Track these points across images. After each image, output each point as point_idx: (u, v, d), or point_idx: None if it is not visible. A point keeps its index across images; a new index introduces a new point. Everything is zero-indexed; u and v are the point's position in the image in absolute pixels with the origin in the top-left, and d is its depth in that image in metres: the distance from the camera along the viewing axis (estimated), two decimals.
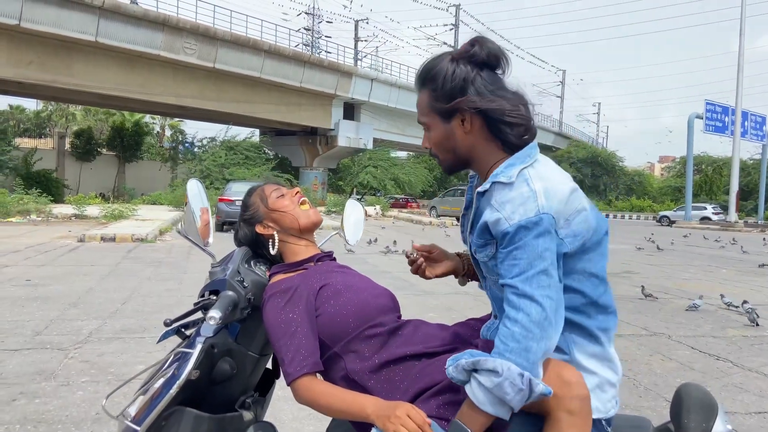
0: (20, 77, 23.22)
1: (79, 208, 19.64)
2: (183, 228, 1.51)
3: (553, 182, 1.24)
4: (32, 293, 6.57)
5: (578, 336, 1.29)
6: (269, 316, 1.39)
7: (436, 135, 1.35)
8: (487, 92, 1.27)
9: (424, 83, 1.33)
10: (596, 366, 1.29)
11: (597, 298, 1.29)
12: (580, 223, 1.25)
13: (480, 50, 1.28)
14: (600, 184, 54.55)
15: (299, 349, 1.33)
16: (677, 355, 4.98)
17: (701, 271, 11.40)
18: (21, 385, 3.62)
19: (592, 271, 1.29)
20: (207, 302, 1.40)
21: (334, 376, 1.39)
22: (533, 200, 1.20)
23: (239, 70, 28.79)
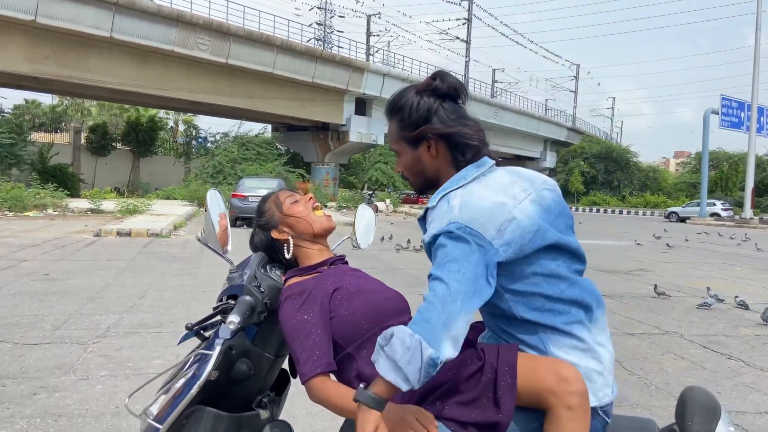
0: (36, 72, 23.50)
1: (94, 203, 19.88)
2: (203, 236, 1.57)
3: (474, 197, 1.36)
4: (51, 288, 6.69)
5: (551, 333, 1.38)
6: (285, 318, 1.45)
7: (405, 160, 1.51)
8: (448, 120, 1.44)
9: (393, 114, 1.50)
10: (577, 358, 1.36)
11: (560, 294, 1.38)
12: (512, 231, 1.33)
13: (441, 84, 1.45)
14: (614, 179, 54.15)
15: (314, 350, 1.39)
16: (689, 354, 4.99)
17: (715, 268, 11.33)
18: (41, 379, 3.71)
19: (546, 272, 1.37)
20: (226, 306, 1.46)
21: (347, 376, 1.44)
22: (448, 214, 1.34)
23: (252, 66, 28.92)
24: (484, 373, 1.32)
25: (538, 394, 1.27)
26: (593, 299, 1.43)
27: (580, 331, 1.39)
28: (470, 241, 1.30)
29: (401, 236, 14.54)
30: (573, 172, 52.54)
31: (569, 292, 1.40)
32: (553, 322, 1.37)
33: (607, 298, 7.45)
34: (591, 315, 1.42)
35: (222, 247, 1.59)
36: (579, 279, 1.43)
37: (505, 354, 1.34)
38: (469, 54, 48.54)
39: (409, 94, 1.47)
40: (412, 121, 1.45)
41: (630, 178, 54.94)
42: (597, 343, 1.40)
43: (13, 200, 18.38)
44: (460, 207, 1.33)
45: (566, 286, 1.40)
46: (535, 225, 1.38)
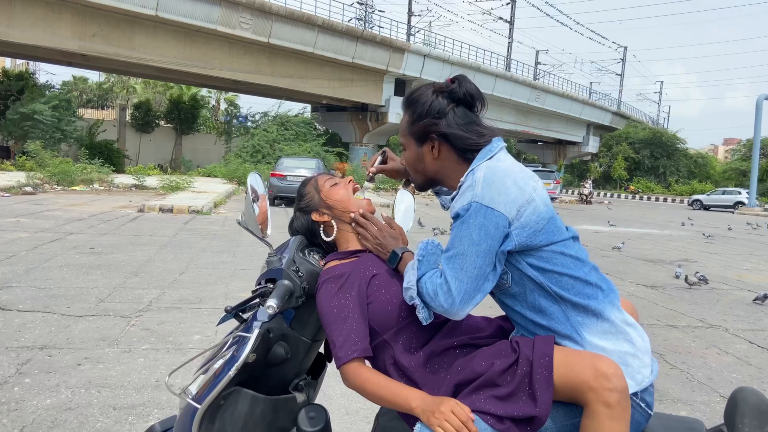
0: (84, 50, 24.03)
1: (138, 179, 20.35)
2: (243, 219, 1.57)
3: (498, 174, 1.37)
4: (96, 261, 6.89)
5: (583, 317, 1.38)
6: (322, 301, 1.44)
7: (409, 155, 1.56)
8: (455, 124, 1.46)
9: (406, 107, 1.54)
10: (611, 343, 1.36)
11: (586, 277, 1.40)
12: (529, 215, 1.36)
13: (458, 88, 1.47)
14: (659, 166, 52.56)
15: (350, 334, 1.38)
16: (734, 349, 4.83)
17: (763, 261, 10.93)
18: (86, 350, 3.83)
19: (572, 254, 1.41)
20: (264, 290, 1.45)
21: (383, 363, 1.43)
22: (471, 189, 1.36)
23: (293, 45, 28.95)
24: (519, 366, 1.29)
25: (576, 389, 1.24)
26: (610, 284, 1.47)
27: (611, 312, 1.40)
28: (486, 224, 1.32)
29: (437, 219, 14.47)
30: (616, 157, 51.25)
31: (594, 276, 1.43)
32: (586, 302, 1.38)
33: (649, 289, 7.27)
34: (615, 297, 1.45)
35: (261, 231, 1.59)
36: (593, 264, 1.47)
37: (541, 346, 1.31)
38: (512, 35, 47.57)
39: (426, 91, 1.50)
40: (421, 117, 1.48)
41: (677, 165, 53.23)
42: (626, 324, 1.40)
43: (61, 174, 18.95)
44: (483, 183, 1.35)
45: (589, 269, 1.43)
46: (549, 212, 1.40)
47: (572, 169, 56.31)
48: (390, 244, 1.53)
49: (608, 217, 21.28)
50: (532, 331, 1.41)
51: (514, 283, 1.40)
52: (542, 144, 54.37)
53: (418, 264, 1.39)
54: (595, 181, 48.15)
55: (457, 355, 1.38)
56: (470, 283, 1.32)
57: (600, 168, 52.36)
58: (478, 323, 1.49)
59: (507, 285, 1.41)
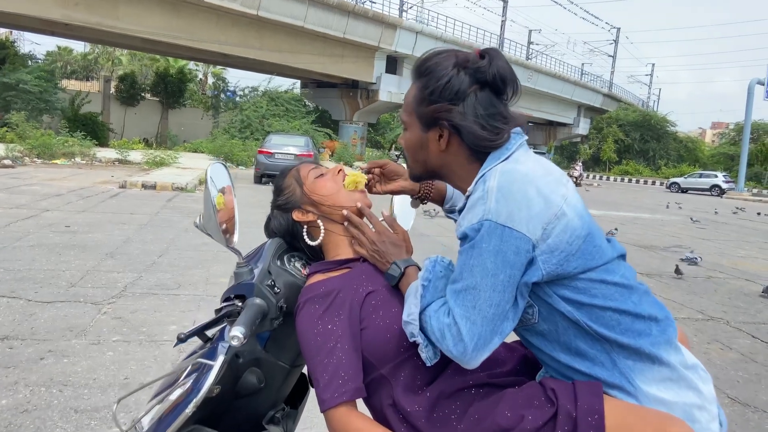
0: (67, 19, 23.29)
1: (122, 153, 19.84)
2: (201, 222, 1.24)
3: (517, 181, 1.04)
4: (70, 241, 6.55)
5: (634, 360, 1.06)
6: (303, 326, 1.14)
7: (410, 139, 1.23)
8: (472, 116, 1.12)
9: (418, 76, 1.20)
10: (673, 393, 1.05)
11: (635, 309, 1.08)
12: (559, 234, 1.03)
13: (488, 67, 1.13)
14: (649, 149, 52.60)
15: (338, 371, 1.08)
16: (737, 344, 4.64)
17: (756, 248, 10.80)
18: (51, 342, 3.54)
19: (616, 281, 1.08)
20: (231, 309, 1.16)
21: (379, 405, 1.14)
22: (483, 202, 1.05)
23: (282, 19, 28.28)
24: (559, 425, 0.99)
25: None
26: (665, 310, 1.14)
27: (668, 353, 1.08)
28: (504, 249, 1.00)
29: None
30: (606, 139, 51.16)
31: (645, 305, 1.09)
32: (637, 343, 1.06)
33: (646, 277, 7.08)
34: (672, 331, 1.12)
35: (227, 237, 1.24)
36: (645, 287, 1.13)
37: (586, 398, 1.01)
38: (505, 13, 46.94)
39: (445, 62, 1.16)
40: (434, 96, 1.14)
41: (666, 148, 53.27)
42: (687, 367, 1.09)
43: (42, 147, 18.39)
44: (497, 194, 1.03)
45: (638, 297, 1.09)
46: (585, 228, 1.07)
47: (562, 150, 56.21)
48: (391, 253, 1.23)
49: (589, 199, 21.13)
50: (568, 376, 1.11)
51: (542, 319, 1.10)
52: (533, 125, 54.09)
53: (423, 290, 1.09)
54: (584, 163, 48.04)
55: (472, 398, 1.09)
56: (485, 325, 1.02)
57: (590, 150, 52.28)
58: (498, 353, 1.18)
59: (533, 321, 1.11)
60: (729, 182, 35.12)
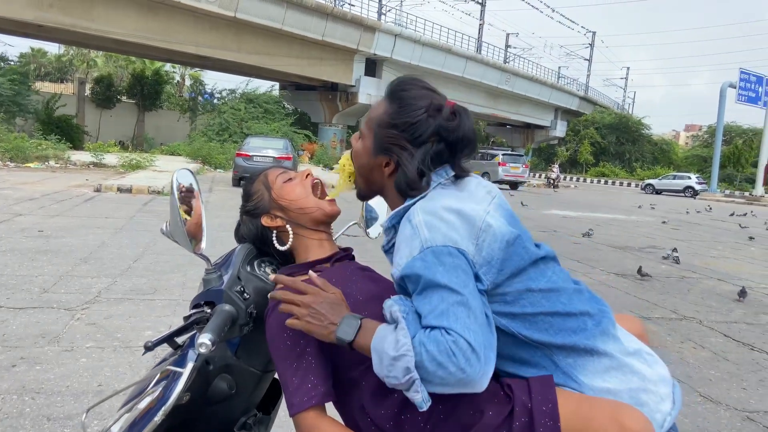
0: (40, 20, 22.89)
1: (97, 156, 19.56)
2: (168, 228, 1.23)
3: (439, 208, 1.09)
4: (43, 246, 6.44)
5: (574, 359, 1.10)
6: (273, 331, 1.14)
7: (361, 153, 1.25)
8: (419, 159, 1.16)
9: (392, 99, 1.21)
10: (617, 381, 1.09)
11: (564, 309, 1.12)
12: (490, 245, 1.08)
13: (455, 129, 1.16)
14: (625, 151, 53.42)
15: (307, 374, 1.09)
16: (710, 343, 4.73)
17: (728, 248, 11.02)
18: (23, 349, 3.47)
19: (540, 288, 1.12)
20: (200, 316, 1.16)
21: (348, 408, 1.15)
22: (416, 237, 1.07)
23: (260, 21, 28.15)
24: (515, 418, 1.02)
25: None
26: (600, 303, 1.18)
27: (605, 344, 1.12)
28: (458, 263, 1.03)
29: None
30: (583, 142, 51.83)
31: (577, 302, 1.14)
32: (572, 340, 1.10)
33: (621, 277, 7.18)
34: (608, 321, 1.16)
35: (194, 243, 1.23)
36: (577, 286, 1.17)
37: (539, 389, 1.05)
38: (483, 17, 47.29)
39: (420, 102, 1.17)
40: (397, 128, 1.17)
41: (641, 150, 54.15)
42: (628, 354, 1.13)
43: (15, 150, 18.05)
44: (426, 226, 1.07)
45: (567, 297, 1.14)
46: (514, 233, 1.11)
47: (539, 152, 56.77)
48: (334, 313, 1.08)
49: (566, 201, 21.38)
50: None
51: None
52: (510, 128, 54.55)
53: (404, 322, 1.02)
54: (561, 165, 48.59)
55: (438, 403, 1.09)
56: (484, 334, 1.00)
57: (567, 152, 52.90)
58: None
59: None
60: (702, 183, 35.83)
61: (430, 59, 36.75)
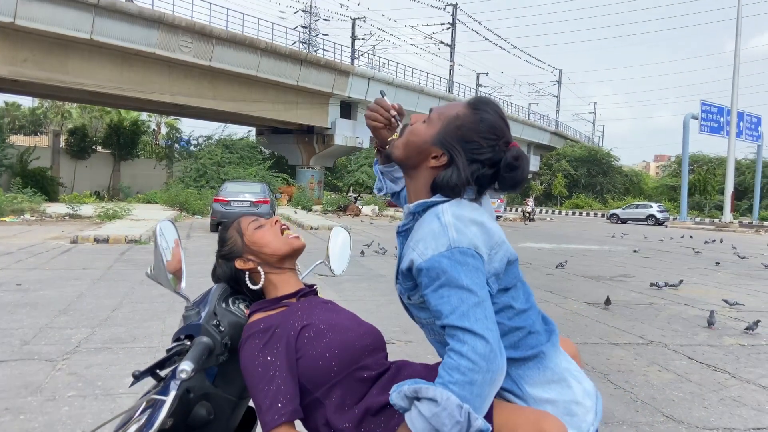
0: (15, 75, 23.07)
1: (73, 208, 19.50)
2: (152, 272, 1.42)
3: (466, 214, 1.25)
4: (22, 299, 6.48)
5: (523, 369, 1.28)
6: (246, 360, 1.31)
7: (422, 133, 1.34)
8: (467, 172, 1.29)
9: (475, 108, 1.33)
10: (555, 392, 1.27)
11: (531, 327, 1.30)
12: (501, 259, 1.26)
13: (515, 169, 1.31)
14: (596, 183, 54.59)
15: (278, 396, 1.25)
16: (674, 366, 4.93)
17: (697, 274, 11.35)
18: (6, 400, 3.54)
19: (518, 306, 1.30)
20: (181, 348, 1.33)
21: (314, 424, 1.32)
22: (444, 235, 1.21)
23: (235, 69, 28.69)
24: None
25: None
26: (550, 323, 1.38)
27: (551, 360, 1.31)
28: (479, 268, 1.20)
29: (387, 241, 14.43)
30: (556, 175, 52.91)
31: (537, 324, 1.33)
32: (527, 354, 1.28)
33: (592, 306, 7.40)
34: (555, 339, 1.36)
35: (175, 284, 1.43)
36: (531, 304, 1.36)
37: None
38: (453, 58, 48.63)
39: (499, 131, 1.31)
40: (467, 139, 1.30)
41: (612, 181, 55.42)
42: (565, 369, 1.32)
43: None
44: (455, 226, 1.22)
45: (535, 315, 1.33)
46: (514, 255, 1.32)
47: None
48: None
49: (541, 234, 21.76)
50: None
51: None
52: None
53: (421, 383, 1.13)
54: (536, 199, 49.41)
55: (394, 413, 1.26)
56: (497, 330, 1.16)
57: (541, 186, 53.87)
58: (418, 372, 1.37)
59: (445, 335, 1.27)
60: (663, 212, 37.05)
61: (403, 100, 37.58)
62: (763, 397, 4.20)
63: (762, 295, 8.93)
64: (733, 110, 34.72)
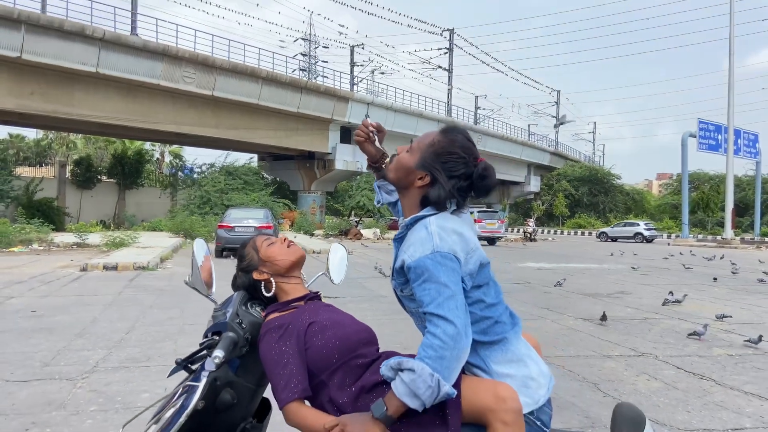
0: (21, 108, 23.61)
1: (80, 237, 19.85)
2: (190, 280, 1.75)
3: (449, 225, 1.58)
4: (38, 324, 6.76)
5: (490, 350, 1.60)
6: (265, 350, 1.63)
7: (406, 160, 1.68)
8: (448, 187, 1.61)
9: (446, 135, 1.67)
10: (513, 368, 1.59)
11: (498, 318, 1.62)
12: (474, 262, 1.58)
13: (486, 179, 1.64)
14: (598, 202, 54.86)
15: (291, 378, 1.56)
16: (662, 375, 5.16)
17: (694, 290, 11.57)
18: (33, 415, 3.80)
19: (489, 300, 1.62)
20: (211, 342, 1.63)
21: (320, 400, 1.62)
22: (429, 241, 1.53)
23: (237, 98, 29.27)
24: None
25: (479, 412, 1.46)
26: (512, 316, 1.70)
27: (513, 344, 1.63)
28: (454, 268, 1.52)
29: (387, 263, 14.70)
30: (557, 195, 53.27)
31: (504, 315, 1.65)
32: (490, 338, 1.60)
33: (588, 322, 7.64)
34: (519, 329, 1.69)
35: (207, 289, 1.79)
36: (500, 300, 1.68)
37: None
38: (451, 82, 49.38)
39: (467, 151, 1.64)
40: (445, 160, 1.62)
41: (614, 200, 55.73)
42: (525, 355, 1.64)
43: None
44: (439, 235, 1.54)
45: (502, 309, 1.65)
46: (485, 259, 1.65)
47: (517, 207, 58.04)
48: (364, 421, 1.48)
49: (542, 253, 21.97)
50: None
51: None
52: None
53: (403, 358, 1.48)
54: (538, 219, 49.69)
55: (384, 391, 1.55)
56: (466, 317, 1.48)
57: (542, 206, 54.19)
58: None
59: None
60: (650, 230, 37.91)
61: (403, 124, 38.13)
62: (744, 402, 4.44)
63: (756, 309, 9.16)
64: (729, 128, 35.11)
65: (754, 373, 5.27)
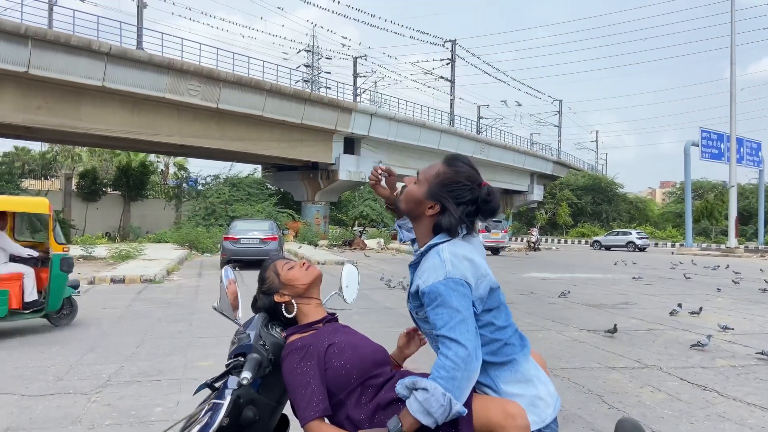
0: (28, 122, 23.84)
1: (86, 250, 19.98)
2: (219, 305, 1.87)
3: (460, 252, 1.69)
4: (50, 338, 6.87)
5: (500, 371, 1.70)
6: (287, 370, 1.73)
7: (415, 191, 1.79)
8: (456, 214, 1.72)
9: (450, 164, 1.77)
10: (521, 389, 1.69)
11: (507, 340, 1.72)
12: (484, 288, 1.69)
13: (490, 202, 1.75)
14: (602, 211, 54.83)
15: (312, 397, 1.66)
16: (666, 387, 5.23)
17: (698, 300, 11.61)
18: (50, 430, 3.90)
19: (499, 323, 1.73)
20: (237, 363, 1.73)
21: (338, 418, 1.72)
22: (442, 268, 1.64)
23: (242, 110, 29.51)
24: None
25: (489, 428, 1.57)
26: (521, 338, 1.80)
27: (523, 365, 1.74)
28: (466, 293, 1.63)
29: (394, 273, 14.77)
30: (561, 204, 53.31)
31: (514, 337, 1.75)
32: (500, 359, 1.71)
33: (592, 333, 7.70)
34: (527, 350, 1.79)
35: (234, 312, 1.91)
36: (510, 323, 1.78)
37: None
38: (453, 92, 49.61)
39: (471, 178, 1.75)
40: (451, 189, 1.74)
41: (617, 209, 55.72)
42: (534, 376, 1.74)
43: None
44: (451, 262, 1.65)
45: (512, 331, 1.76)
46: (495, 284, 1.75)
47: (520, 217, 58.06)
48: None
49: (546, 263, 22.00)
50: None
51: None
52: None
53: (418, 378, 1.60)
54: (542, 228, 49.72)
55: (399, 408, 1.65)
56: (476, 340, 1.59)
57: (546, 215, 54.20)
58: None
59: None
60: (643, 239, 38.05)
61: (405, 134, 38.31)
62: (747, 413, 4.50)
63: (759, 319, 9.20)
64: (732, 137, 35.20)
65: (757, 384, 5.33)
